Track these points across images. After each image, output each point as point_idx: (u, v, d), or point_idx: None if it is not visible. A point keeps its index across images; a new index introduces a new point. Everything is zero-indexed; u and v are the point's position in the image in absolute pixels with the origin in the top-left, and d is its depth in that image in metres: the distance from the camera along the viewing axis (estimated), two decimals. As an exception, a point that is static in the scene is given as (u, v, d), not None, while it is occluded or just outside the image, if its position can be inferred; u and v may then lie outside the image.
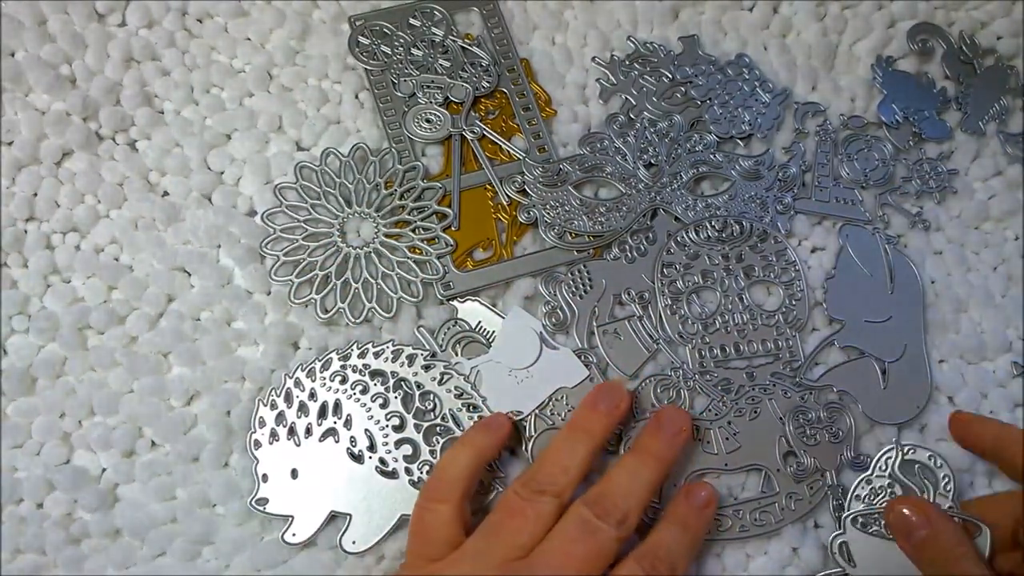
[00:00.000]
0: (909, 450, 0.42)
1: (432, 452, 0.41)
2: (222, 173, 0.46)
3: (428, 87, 0.47)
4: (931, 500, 0.41)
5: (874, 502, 0.42)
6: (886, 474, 0.42)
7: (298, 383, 0.41)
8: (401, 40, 0.48)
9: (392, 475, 0.41)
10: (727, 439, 0.43)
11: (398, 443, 0.41)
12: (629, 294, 0.45)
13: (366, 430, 0.41)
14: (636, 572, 0.36)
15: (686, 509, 0.39)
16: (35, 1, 0.46)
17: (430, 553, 0.37)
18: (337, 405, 0.41)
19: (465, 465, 0.38)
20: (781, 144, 0.49)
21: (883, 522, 0.40)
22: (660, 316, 0.45)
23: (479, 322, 0.44)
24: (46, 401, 0.41)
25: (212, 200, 0.45)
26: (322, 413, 0.41)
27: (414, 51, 0.48)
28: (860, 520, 0.42)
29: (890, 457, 0.42)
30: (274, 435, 0.41)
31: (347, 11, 0.49)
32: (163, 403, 0.42)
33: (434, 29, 0.49)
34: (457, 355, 0.43)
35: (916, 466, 0.42)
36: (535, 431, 0.42)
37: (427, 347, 0.43)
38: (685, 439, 0.40)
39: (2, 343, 0.42)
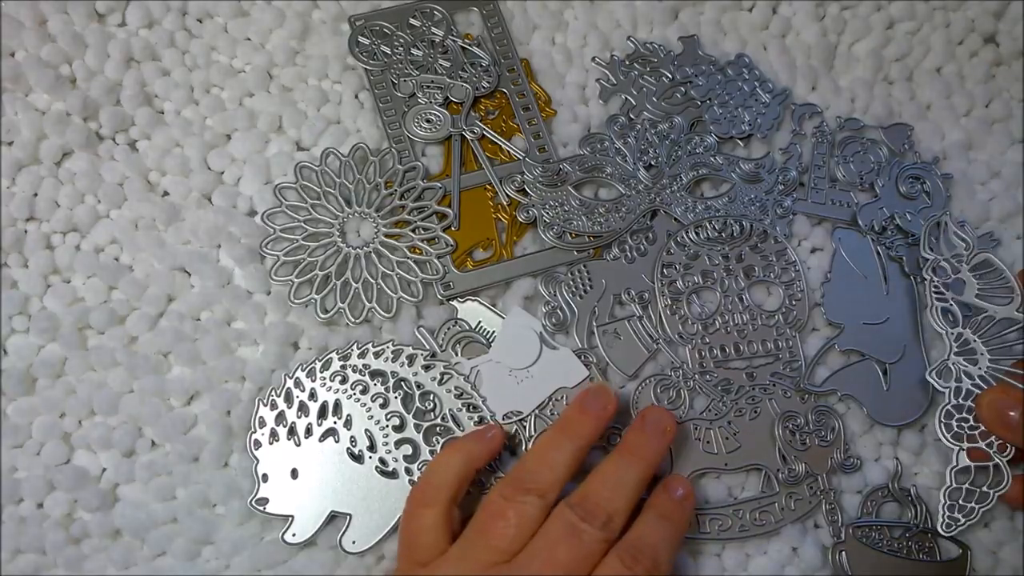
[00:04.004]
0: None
1: (432, 452, 0.41)
2: (222, 173, 0.46)
3: (428, 87, 0.47)
4: (919, 521, 0.43)
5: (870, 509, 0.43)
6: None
7: (298, 383, 0.41)
8: (401, 40, 0.48)
9: (392, 475, 0.41)
10: (727, 439, 0.43)
11: (398, 443, 0.41)
12: (629, 294, 0.45)
13: (366, 430, 0.41)
14: (618, 567, 0.35)
15: (666, 501, 0.39)
16: (35, 1, 0.46)
17: (417, 558, 0.37)
18: (337, 405, 0.41)
19: (454, 471, 0.38)
20: (779, 145, 0.49)
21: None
22: (660, 316, 0.45)
23: (479, 322, 0.44)
24: (46, 401, 0.41)
25: (212, 200, 0.45)
26: (322, 413, 0.41)
27: (414, 51, 0.48)
28: (860, 530, 0.42)
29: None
30: (274, 435, 0.41)
31: (347, 11, 0.49)
32: (163, 403, 0.42)
33: (434, 29, 0.49)
34: (457, 355, 0.43)
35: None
36: (535, 431, 0.42)
37: (427, 347, 0.43)
38: (670, 439, 0.40)
39: (2, 343, 0.42)
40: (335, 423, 0.41)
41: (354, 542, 0.40)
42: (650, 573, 0.35)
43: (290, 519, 0.40)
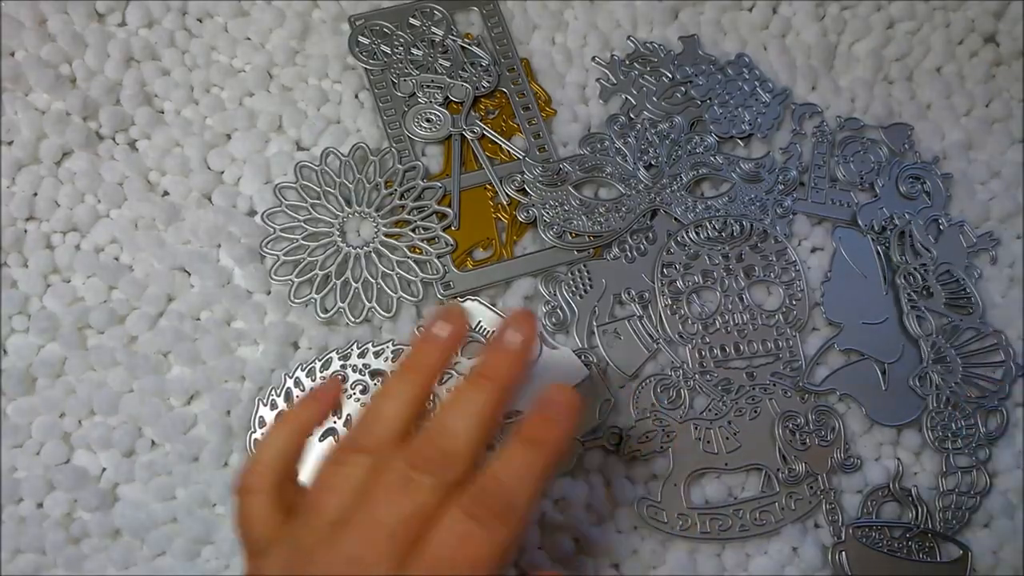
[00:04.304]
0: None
1: (432, 452, 0.41)
2: (222, 173, 0.46)
3: (428, 87, 0.47)
4: (919, 521, 0.43)
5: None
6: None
7: (298, 383, 0.41)
8: (401, 40, 0.48)
9: (392, 475, 0.41)
10: (727, 439, 0.43)
11: (398, 443, 0.41)
12: (629, 294, 0.45)
13: (366, 430, 0.41)
14: (459, 519, 0.28)
15: (533, 421, 0.31)
16: (35, 1, 0.46)
17: (252, 549, 0.32)
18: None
19: (278, 448, 0.33)
20: (779, 145, 0.49)
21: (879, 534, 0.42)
22: (660, 316, 0.45)
23: (479, 322, 0.44)
24: (46, 401, 0.41)
25: (212, 200, 0.45)
26: (322, 413, 0.41)
27: (414, 51, 0.48)
28: (860, 530, 0.42)
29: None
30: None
31: (347, 11, 0.49)
32: (163, 403, 0.42)
33: (434, 29, 0.49)
34: (457, 355, 0.43)
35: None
36: (535, 431, 0.42)
37: (427, 347, 0.43)
38: (529, 348, 0.33)
39: (2, 343, 0.42)
40: (335, 423, 0.41)
41: (354, 542, 0.40)
42: (502, 520, 0.29)
43: (290, 519, 0.40)
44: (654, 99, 0.49)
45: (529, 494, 0.30)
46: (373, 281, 0.43)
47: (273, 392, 0.41)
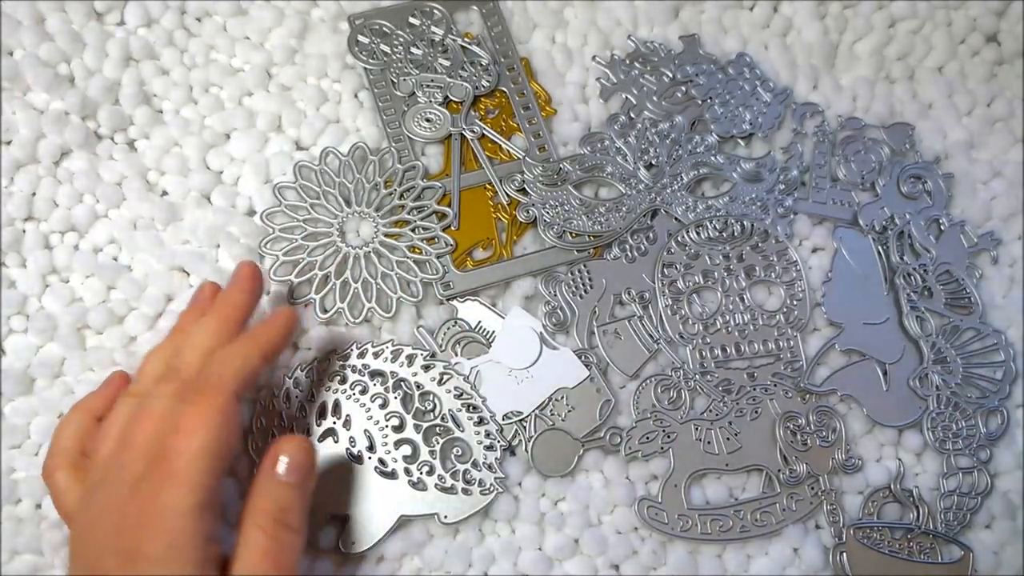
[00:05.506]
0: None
1: (431, 452, 0.41)
2: (221, 172, 0.45)
3: (428, 86, 0.47)
4: (920, 522, 0.43)
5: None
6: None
7: (297, 383, 0.41)
8: (401, 39, 0.48)
9: (391, 475, 0.40)
10: (728, 439, 0.43)
11: (397, 443, 0.41)
12: (629, 294, 0.45)
13: (365, 430, 0.41)
14: (166, 404, 0.34)
15: (258, 324, 0.38)
16: (34, 0, 0.46)
17: (68, 518, 0.36)
18: (336, 405, 0.41)
19: (71, 431, 0.37)
20: (780, 145, 0.49)
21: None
22: (661, 316, 0.44)
23: (479, 322, 0.44)
24: (44, 401, 0.41)
25: (211, 200, 0.45)
26: (321, 413, 0.41)
27: (414, 50, 0.48)
28: (861, 531, 0.42)
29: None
30: (273, 436, 0.41)
31: (346, 10, 0.48)
32: (162, 403, 0.42)
33: (434, 28, 0.49)
34: (457, 355, 0.43)
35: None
36: (535, 431, 0.42)
37: (427, 347, 0.43)
38: (257, 282, 0.40)
39: (1, 343, 0.42)
40: (334, 423, 0.41)
41: (354, 543, 0.40)
42: (202, 393, 0.33)
43: (289, 520, 0.40)
44: (654, 98, 0.49)
45: (231, 370, 0.35)
46: (372, 281, 0.43)
47: (273, 392, 0.41)
